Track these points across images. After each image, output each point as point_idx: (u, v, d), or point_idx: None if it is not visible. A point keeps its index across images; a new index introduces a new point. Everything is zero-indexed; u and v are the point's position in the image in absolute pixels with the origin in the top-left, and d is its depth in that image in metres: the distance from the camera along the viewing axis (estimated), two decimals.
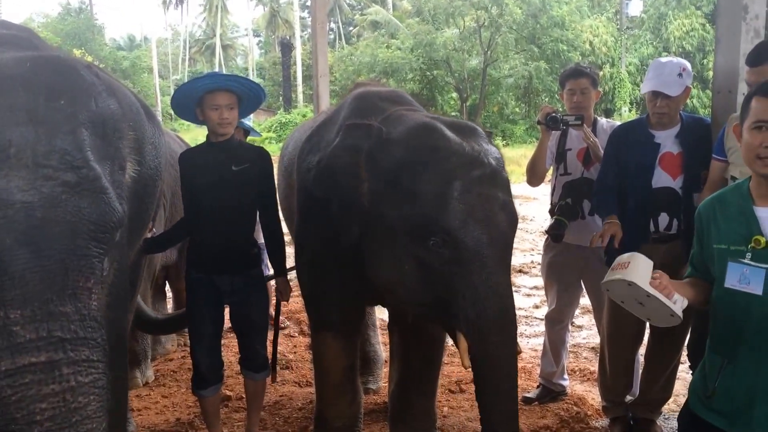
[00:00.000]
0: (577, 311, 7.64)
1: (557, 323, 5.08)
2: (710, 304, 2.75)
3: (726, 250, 2.61)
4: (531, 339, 6.92)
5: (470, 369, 3.06)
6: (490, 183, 3.08)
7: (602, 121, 4.90)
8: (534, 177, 4.83)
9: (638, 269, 2.71)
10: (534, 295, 8.61)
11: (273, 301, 5.64)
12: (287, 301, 4.26)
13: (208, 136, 4.09)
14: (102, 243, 2.20)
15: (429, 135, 3.17)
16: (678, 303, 2.72)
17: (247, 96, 4.03)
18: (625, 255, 2.83)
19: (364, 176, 3.19)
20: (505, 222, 3.05)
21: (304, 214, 3.85)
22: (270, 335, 4.49)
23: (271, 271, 4.44)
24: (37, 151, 2.10)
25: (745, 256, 2.53)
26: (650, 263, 2.76)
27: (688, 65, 4.17)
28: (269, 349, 4.48)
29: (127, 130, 2.65)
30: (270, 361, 4.44)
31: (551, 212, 4.75)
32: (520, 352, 3.40)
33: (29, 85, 2.19)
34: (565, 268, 4.92)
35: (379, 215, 3.17)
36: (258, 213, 4.17)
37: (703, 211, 2.78)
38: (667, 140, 4.13)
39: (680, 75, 4.07)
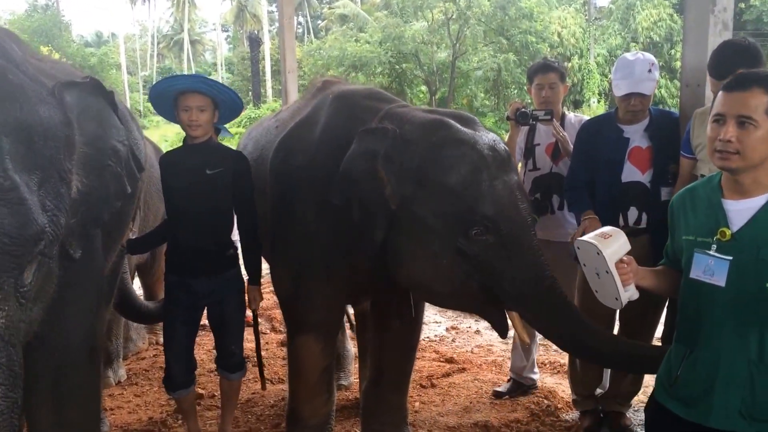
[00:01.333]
0: None
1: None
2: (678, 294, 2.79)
3: (693, 242, 2.63)
4: None
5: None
6: (509, 168, 3.26)
7: (570, 115, 4.92)
8: None
9: (613, 246, 2.72)
10: None
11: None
12: (255, 309, 4.21)
13: (184, 138, 4.07)
14: (16, 257, 2.12)
15: (445, 130, 3.24)
16: (629, 292, 2.74)
17: (223, 101, 3.98)
18: (612, 228, 2.83)
19: (385, 180, 3.20)
20: (525, 201, 3.24)
21: (288, 217, 3.80)
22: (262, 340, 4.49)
23: None
24: None
25: (710, 248, 2.56)
26: (627, 247, 2.77)
27: (655, 60, 4.18)
28: (261, 356, 4.53)
29: (72, 138, 2.56)
30: (257, 367, 4.47)
31: None
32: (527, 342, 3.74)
33: None
34: None
35: (409, 215, 3.20)
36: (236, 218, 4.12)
37: (675, 203, 2.80)
38: (635, 134, 4.14)
39: (650, 71, 4.07)
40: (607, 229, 2.81)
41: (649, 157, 4.11)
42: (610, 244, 2.70)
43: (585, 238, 2.78)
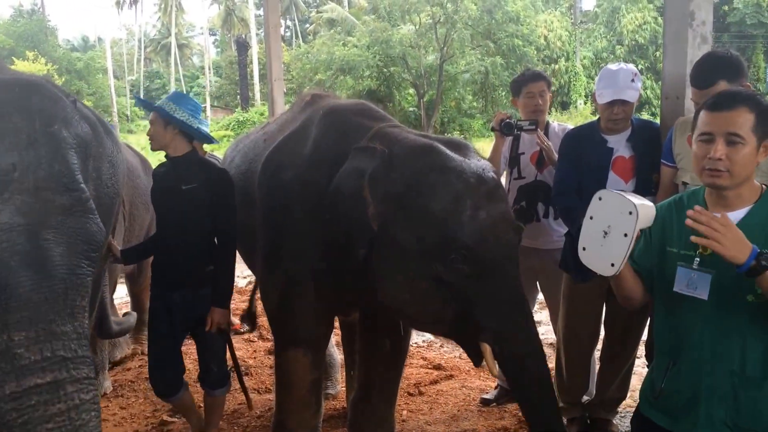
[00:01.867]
0: (536, 307, 7.72)
1: None
2: (656, 306, 2.82)
3: (677, 254, 2.66)
4: None
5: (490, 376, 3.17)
6: (496, 197, 3.19)
7: (554, 124, 4.93)
8: None
9: (648, 212, 2.66)
10: None
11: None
12: (213, 331, 4.10)
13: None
14: (92, 261, 2.24)
15: (433, 155, 3.22)
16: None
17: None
18: (642, 198, 2.73)
19: (369, 200, 3.20)
20: (512, 233, 3.17)
21: (277, 231, 3.79)
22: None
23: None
24: (37, 174, 2.14)
25: (693, 262, 2.59)
26: (652, 221, 2.71)
27: (637, 70, 4.20)
28: (242, 376, 4.51)
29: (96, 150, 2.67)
30: (239, 383, 4.47)
31: None
32: (496, 374, 3.52)
33: (25, 110, 2.20)
34: (521, 272, 4.94)
35: (390, 238, 3.19)
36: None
37: (661, 213, 2.80)
38: (619, 144, 4.16)
39: (633, 80, 4.09)
40: (641, 197, 2.74)
41: (632, 166, 4.12)
42: (645, 209, 2.64)
43: (617, 192, 2.70)
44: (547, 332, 6.71)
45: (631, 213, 2.57)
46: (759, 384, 2.54)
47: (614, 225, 2.62)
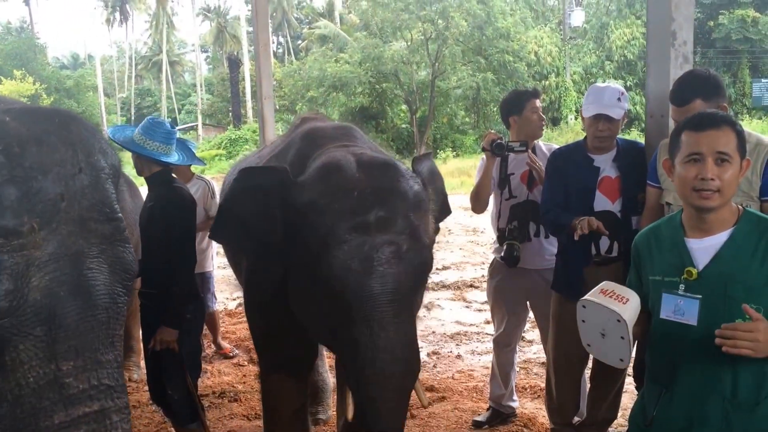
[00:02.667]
0: (528, 325, 7.68)
1: (505, 346, 5.09)
2: (648, 334, 2.79)
3: (660, 282, 2.65)
4: (483, 356, 6.91)
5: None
6: (384, 228, 2.97)
7: (540, 144, 4.93)
8: (478, 204, 4.82)
9: (633, 310, 2.63)
10: (485, 310, 8.54)
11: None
12: (172, 352, 4.10)
13: None
14: (128, 291, 2.26)
15: (327, 176, 3.13)
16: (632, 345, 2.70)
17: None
18: (621, 287, 2.72)
19: (276, 219, 3.20)
20: (398, 270, 2.93)
21: (252, 255, 3.73)
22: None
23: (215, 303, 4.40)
24: (81, 204, 2.14)
25: (678, 288, 2.58)
26: (640, 308, 2.69)
27: (625, 91, 4.21)
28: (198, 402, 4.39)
29: None
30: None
31: (500, 238, 4.77)
32: (426, 405, 3.58)
33: (68, 141, 2.21)
34: (512, 292, 4.95)
35: (292, 257, 3.19)
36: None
37: (639, 243, 2.81)
38: (605, 164, 4.16)
39: (619, 99, 4.10)
40: (619, 289, 2.71)
41: (619, 186, 4.13)
42: (631, 310, 2.62)
43: (595, 300, 2.67)
44: (539, 351, 6.70)
45: (619, 321, 2.58)
46: (751, 409, 2.52)
47: (608, 330, 2.64)
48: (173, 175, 4.26)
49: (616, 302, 2.62)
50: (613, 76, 36.03)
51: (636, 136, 21.86)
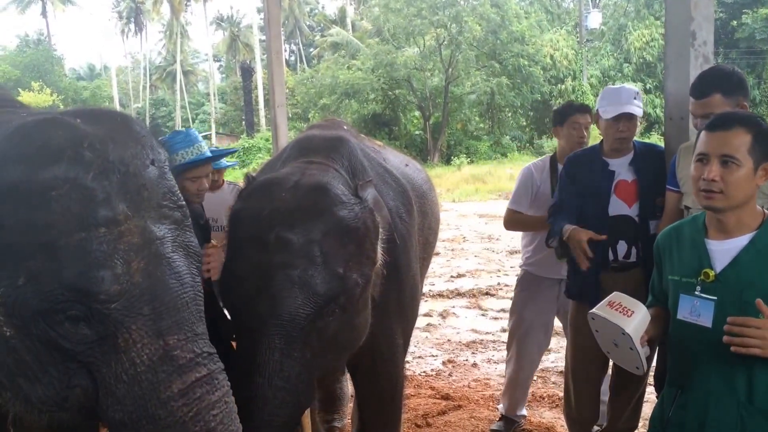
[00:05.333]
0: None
1: (526, 369, 5.09)
2: (668, 334, 2.79)
3: (678, 282, 2.66)
4: (499, 365, 6.82)
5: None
6: (281, 248, 2.89)
7: None
8: (517, 230, 4.94)
9: (638, 323, 2.66)
10: (501, 318, 8.51)
11: None
12: None
13: None
14: (199, 272, 2.43)
15: (259, 191, 3.17)
16: (647, 354, 2.72)
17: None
18: (628, 299, 2.74)
19: None
20: (287, 293, 2.85)
21: None
22: None
23: None
24: (157, 193, 2.33)
25: (695, 289, 2.59)
26: (648, 318, 2.71)
27: (639, 91, 4.17)
28: None
29: None
30: None
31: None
32: None
33: (133, 138, 2.38)
34: (543, 305, 4.98)
35: None
36: None
37: (661, 241, 2.82)
38: (621, 168, 4.11)
39: (635, 98, 4.08)
40: (625, 300, 2.73)
41: (636, 190, 4.07)
42: (635, 322, 2.64)
43: (601, 313, 2.71)
44: (557, 360, 6.65)
45: (624, 334, 2.63)
46: (767, 415, 2.50)
47: (618, 341, 2.70)
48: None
49: (621, 315, 2.66)
50: (631, 79, 35.81)
51: (656, 140, 21.69)
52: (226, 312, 3.28)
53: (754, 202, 2.59)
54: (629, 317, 2.64)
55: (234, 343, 3.20)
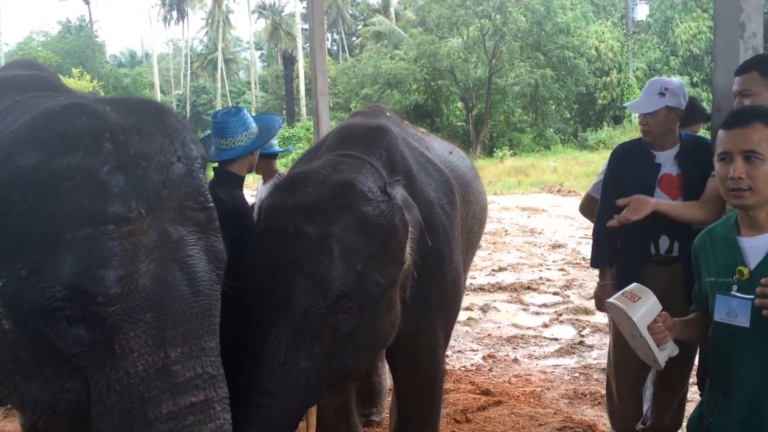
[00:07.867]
0: (587, 330, 7.53)
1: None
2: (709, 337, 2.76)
3: (715, 283, 2.64)
4: (540, 360, 6.76)
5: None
6: (296, 240, 2.87)
7: None
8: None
9: (643, 309, 2.67)
10: (543, 313, 8.46)
11: None
12: None
13: None
14: (221, 279, 2.29)
15: (290, 182, 3.14)
16: (667, 350, 2.71)
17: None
18: (639, 287, 2.77)
19: None
20: (296, 285, 2.83)
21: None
22: None
23: None
24: (180, 192, 2.20)
25: (731, 288, 2.56)
26: (658, 307, 2.70)
27: (675, 84, 4.07)
28: None
29: None
30: None
31: None
32: None
33: (164, 130, 2.26)
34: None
35: None
36: None
37: (697, 246, 2.81)
38: (666, 161, 4.06)
39: (661, 94, 4.00)
40: (635, 289, 2.76)
41: (680, 184, 4.02)
42: (640, 308, 2.66)
43: (613, 300, 2.74)
44: (599, 357, 6.56)
45: (629, 319, 2.65)
46: None
47: (632, 330, 2.71)
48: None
49: (628, 301, 2.69)
50: (678, 72, 35.25)
51: (702, 133, 21.40)
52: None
53: None
54: (635, 303, 2.67)
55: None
